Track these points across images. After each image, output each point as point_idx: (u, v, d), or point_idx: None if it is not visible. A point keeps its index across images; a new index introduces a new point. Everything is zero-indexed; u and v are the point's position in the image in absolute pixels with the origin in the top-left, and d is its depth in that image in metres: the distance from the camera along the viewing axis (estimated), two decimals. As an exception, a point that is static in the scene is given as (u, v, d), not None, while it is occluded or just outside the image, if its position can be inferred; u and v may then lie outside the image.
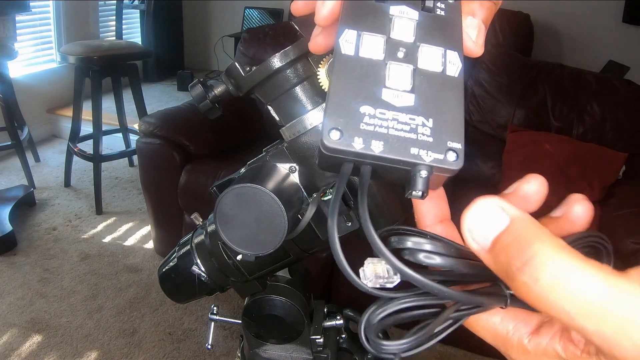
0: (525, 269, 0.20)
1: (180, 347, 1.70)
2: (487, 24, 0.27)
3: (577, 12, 2.96)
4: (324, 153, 0.22)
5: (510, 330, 0.25)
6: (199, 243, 0.57)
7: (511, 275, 0.20)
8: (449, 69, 0.24)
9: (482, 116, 2.19)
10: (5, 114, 2.51)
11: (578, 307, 0.19)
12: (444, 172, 0.22)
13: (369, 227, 0.21)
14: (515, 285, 0.20)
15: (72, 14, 3.33)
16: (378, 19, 0.25)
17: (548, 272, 0.19)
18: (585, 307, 0.19)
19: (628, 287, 0.19)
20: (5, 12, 2.34)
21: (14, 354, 1.63)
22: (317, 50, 0.29)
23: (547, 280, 0.19)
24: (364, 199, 0.22)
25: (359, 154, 0.22)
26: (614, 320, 0.18)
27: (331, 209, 0.22)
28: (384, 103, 0.23)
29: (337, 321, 0.64)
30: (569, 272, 0.19)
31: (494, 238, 0.21)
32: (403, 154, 0.22)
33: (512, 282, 0.20)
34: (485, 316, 0.26)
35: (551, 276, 0.19)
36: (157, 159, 1.96)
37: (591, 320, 0.19)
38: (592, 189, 1.87)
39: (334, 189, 0.23)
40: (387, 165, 0.23)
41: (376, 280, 0.23)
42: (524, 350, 0.24)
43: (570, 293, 0.19)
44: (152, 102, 3.44)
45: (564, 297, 0.19)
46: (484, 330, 0.26)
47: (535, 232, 0.20)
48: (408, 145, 0.22)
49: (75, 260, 2.11)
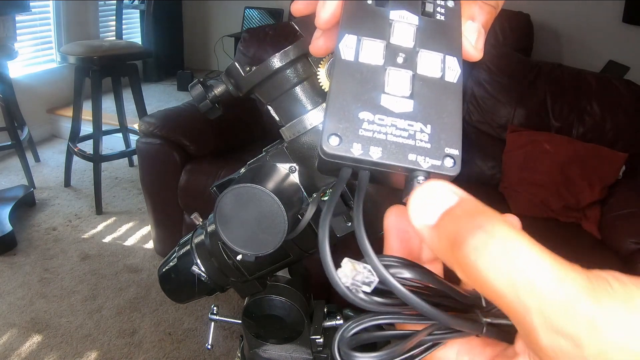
0: (477, 232, 0.19)
1: (180, 347, 1.70)
2: (487, 28, 0.27)
3: (577, 12, 2.96)
4: (323, 158, 0.23)
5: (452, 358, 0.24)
6: (199, 243, 0.57)
7: (460, 241, 0.19)
8: (447, 75, 0.24)
9: (482, 116, 2.19)
10: (5, 114, 2.51)
11: (527, 282, 0.18)
12: (441, 178, 0.23)
13: (361, 233, 0.21)
14: (461, 253, 0.19)
15: (72, 14, 3.33)
16: (378, 24, 0.25)
17: (500, 238, 0.19)
18: (534, 283, 0.18)
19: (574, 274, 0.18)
20: (5, 12, 2.34)
21: (14, 354, 1.63)
22: (318, 54, 0.29)
23: (497, 247, 0.19)
24: (360, 204, 0.22)
25: (358, 159, 0.22)
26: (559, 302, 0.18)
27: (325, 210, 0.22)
28: (383, 109, 0.23)
29: (337, 321, 0.65)
30: (520, 244, 0.19)
31: (442, 212, 0.21)
32: (401, 160, 0.22)
33: (457, 250, 0.19)
34: (442, 351, 0.25)
35: (503, 242, 0.19)
36: (157, 159, 1.96)
37: (536, 298, 0.18)
38: (592, 189, 1.87)
39: (332, 193, 0.23)
40: (385, 170, 0.23)
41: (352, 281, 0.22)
42: None
43: (520, 264, 0.18)
44: (152, 102, 3.44)
45: (514, 268, 0.18)
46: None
47: (486, 208, 0.20)
48: (406, 151, 0.22)
49: (75, 260, 2.11)
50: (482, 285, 0.19)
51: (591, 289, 0.18)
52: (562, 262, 0.19)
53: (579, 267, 0.19)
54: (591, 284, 0.18)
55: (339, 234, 0.44)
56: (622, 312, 0.18)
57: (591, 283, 0.18)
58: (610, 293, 0.18)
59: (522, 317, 0.19)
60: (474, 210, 0.20)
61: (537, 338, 0.19)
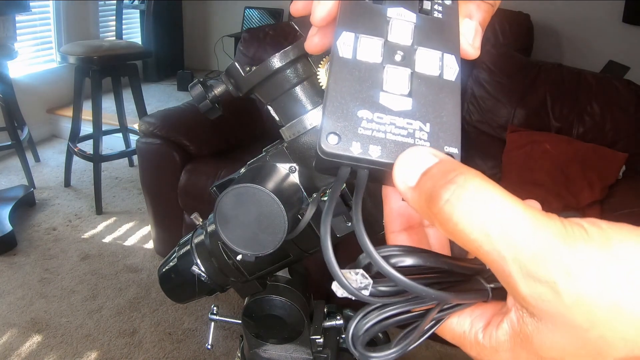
0: (449, 185, 0.19)
1: (180, 347, 1.70)
2: (484, 26, 0.27)
3: (577, 12, 2.96)
4: (321, 157, 0.22)
5: (466, 328, 0.24)
6: (199, 243, 0.57)
7: (434, 196, 0.20)
8: (446, 73, 0.24)
9: (482, 116, 2.19)
10: (5, 114, 2.51)
11: (500, 231, 0.18)
12: None
13: (361, 231, 0.21)
14: (437, 207, 0.20)
15: (72, 14, 3.33)
16: (376, 22, 0.25)
17: (472, 189, 0.19)
18: (508, 232, 0.18)
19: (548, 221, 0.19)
20: (5, 12, 2.34)
21: (14, 354, 1.63)
22: (313, 51, 0.29)
23: (469, 198, 0.19)
24: (359, 203, 0.22)
25: (357, 158, 0.22)
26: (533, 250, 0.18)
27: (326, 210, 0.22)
28: (382, 107, 0.23)
29: (337, 321, 0.65)
30: (492, 194, 0.19)
31: (422, 172, 0.21)
32: None
33: (434, 205, 0.20)
34: (456, 322, 0.25)
35: (475, 194, 0.19)
36: (157, 159, 1.96)
37: (511, 247, 0.18)
38: (592, 189, 1.87)
39: (331, 192, 0.23)
40: (385, 169, 0.23)
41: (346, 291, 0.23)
42: (480, 347, 0.24)
43: (493, 213, 0.19)
44: (152, 102, 3.44)
45: (487, 218, 0.19)
46: (443, 331, 0.25)
47: (462, 165, 0.20)
48: (405, 150, 0.22)
49: (75, 260, 2.11)
50: (459, 238, 0.20)
51: (566, 235, 0.18)
52: (536, 211, 0.19)
53: (555, 216, 0.19)
54: (566, 230, 0.18)
55: (339, 234, 0.44)
56: (598, 257, 0.18)
57: (566, 229, 0.18)
58: (586, 239, 0.18)
59: (499, 266, 0.19)
60: (450, 168, 0.21)
61: (516, 286, 0.19)
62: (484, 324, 0.24)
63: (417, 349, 0.24)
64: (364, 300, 0.22)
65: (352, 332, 0.23)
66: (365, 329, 0.23)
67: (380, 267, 0.21)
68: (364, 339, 0.23)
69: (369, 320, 0.23)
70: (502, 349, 0.22)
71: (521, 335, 0.21)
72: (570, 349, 0.19)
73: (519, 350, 0.21)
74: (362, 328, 0.23)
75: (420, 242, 0.28)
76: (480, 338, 0.23)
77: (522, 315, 0.21)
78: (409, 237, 0.28)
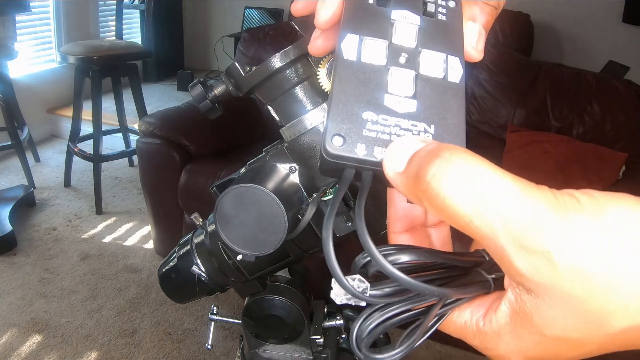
0: (435, 160, 0.19)
1: (180, 347, 1.70)
2: (487, 29, 0.27)
3: (577, 12, 2.96)
4: (325, 159, 0.22)
5: (467, 318, 0.24)
6: (199, 243, 0.57)
7: (421, 174, 0.20)
8: (450, 75, 0.24)
9: (482, 116, 2.19)
10: (5, 114, 2.51)
11: (490, 204, 0.18)
12: None
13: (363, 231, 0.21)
14: (424, 183, 0.19)
15: (72, 14, 3.33)
16: (380, 24, 0.25)
17: (459, 163, 0.19)
18: (498, 204, 0.18)
19: (539, 192, 0.18)
20: (5, 12, 2.34)
21: (14, 354, 1.63)
22: (317, 53, 0.29)
23: (456, 172, 0.19)
24: (362, 204, 0.22)
25: (362, 160, 0.22)
26: (525, 221, 0.18)
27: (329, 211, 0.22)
28: (387, 109, 0.23)
29: (337, 321, 0.64)
30: (480, 167, 0.19)
31: (409, 157, 0.21)
32: None
33: (421, 182, 0.20)
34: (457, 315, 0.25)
35: (462, 167, 0.19)
36: (157, 159, 1.96)
37: (502, 219, 0.18)
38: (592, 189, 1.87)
39: (335, 194, 0.23)
40: None
41: (345, 297, 0.23)
42: (482, 334, 0.23)
43: (482, 186, 0.18)
44: (152, 102, 3.44)
45: (475, 191, 0.18)
46: (445, 326, 0.25)
47: (446, 144, 0.20)
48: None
49: (75, 260, 2.11)
50: (448, 214, 0.19)
51: (558, 205, 0.18)
52: (526, 182, 0.19)
53: (545, 187, 0.19)
54: (557, 200, 0.18)
55: (339, 234, 0.44)
56: (591, 226, 0.18)
57: (557, 200, 0.18)
58: (578, 208, 0.18)
59: (492, 241, 0.19)
60: (436, 147, 0.20)
61: (510, 260, 0.19)
62: (484, 311, 0.24)
63: (416, 349, 0.24)
64: (368, 301, 0.22)
65: (355, 335, 0.23)
66: (368, 331, 0.23)
67: (381, 265, 0.21)
68: (368, 340, 0.23)
69: (372, 322, 0.23)
70: (503, 332, 0.22)
71: (520, 314, 0.21)
72: (571, 323, 0.19)
73: (520, 330, 0.21)
74: (365, 330, 0.23)
75: (422, 242, 0.28)
76: (482, 325, 0.23)
77: (520, 293, 0.20)
78: (411, 238, 0.28)
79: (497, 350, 0.23)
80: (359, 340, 0.23)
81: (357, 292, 0.22)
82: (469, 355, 1.71)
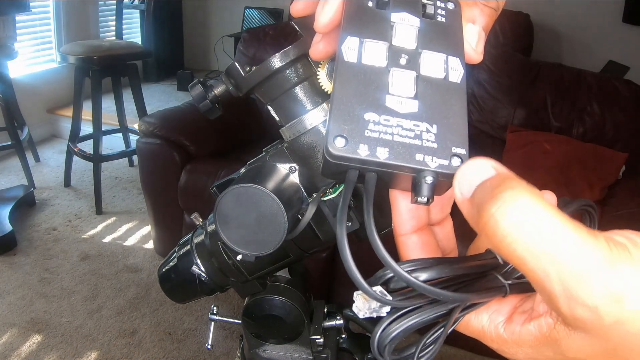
0: (496, 200, 0.19)
1: (180, 347, 1.70)
2: (487, 30, 0.27)
3: (577, 12, 2.96)
4: (328, 160, 0.22)
5: (485, 324, 0.25)
6: (199, 243, 0.57)
7: (482, 209, 0.20)
8: (451, 75, 0.24)
9: (482, 116, 2.19)
10: (5, 114, 2.51)
11: (547, 249, 0.18)
12: (448, 178, 0.23)
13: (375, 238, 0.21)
14: (484, 220, 0.20)
15: (72, 14, 3.33)
16: (380, 26, 0.25)
17: (519, 205, 0.19)
18: (554, 251, 0.18)
19: (594, 241, 0.18)
20: (5, 12, 2.34)
21: (14, 354, 1.63)
22: (318, 57, 0.29)
23: (516, 213, 0.19)
24: (370, 207, 0.22)
25: (365, 160, 0.22)
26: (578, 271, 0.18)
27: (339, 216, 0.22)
28: (388, 110, 0.23)
29: (337, 321, 0.64)
30: (540, 211, 0.19)
31: (477, 185, 0.21)
32: (408, 160, 0.22)
33: (481, 219, 0.20)
34: (474, 318, 0.26)
35: (522, 209, 0.19)
36: (157, 159, 1.96)
37: (555, 266, 0.18)
38: (592, 189, 1.87)
39: (342, 201, 0.23)
40: (393, 171, 0.23)
41: (368, 311, 0.23)
42: (502, 340, 0.24)
43: (539, 230, 0.19)
44: (152, 102, 3.44)
45: (533, 235, 0.19)
46: (460, 327, 0.26)
47: (514, 179, 0.20)
48: (413, 151, 0.22)
49: (75, 260, 2.11)
50: (504, 252, 0.20)
51: (610, 257, 0.18)
52: (582, 229, 0.19)
53: (600, 235, 0.19)
54: (610, 252, 0.18)
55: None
56: None
57: (610, 251, 0.18)
58: (630, 260, 0.18)
59: (543, 284, 0.19)
60: (502, 181, 0.20)
61: (558, 305, 0.19)
62: (504, 318, 0.24)
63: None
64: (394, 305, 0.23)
65: (377, 342, 0.23)
66: (391, 338, 0.23)
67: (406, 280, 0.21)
68: (390, 347, 0.23)
69: (395, 329, 0.23)
70: (525, 345, 0.23)
71: (549, 338, 0.22)
72: (598, 355, 0.20)
73: (543, 348, 0.22)
74: (387, 337, 0.23)
75: (430, 241, 0.28)
76: (502, 332, 0.24)
77: (555, 323, 0.21)
78: (419, 239, 0.28)
79: (515, 356, 0.24)
80: (381, 348, 0.23)
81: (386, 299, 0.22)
82: (469, 355, 1.71)
